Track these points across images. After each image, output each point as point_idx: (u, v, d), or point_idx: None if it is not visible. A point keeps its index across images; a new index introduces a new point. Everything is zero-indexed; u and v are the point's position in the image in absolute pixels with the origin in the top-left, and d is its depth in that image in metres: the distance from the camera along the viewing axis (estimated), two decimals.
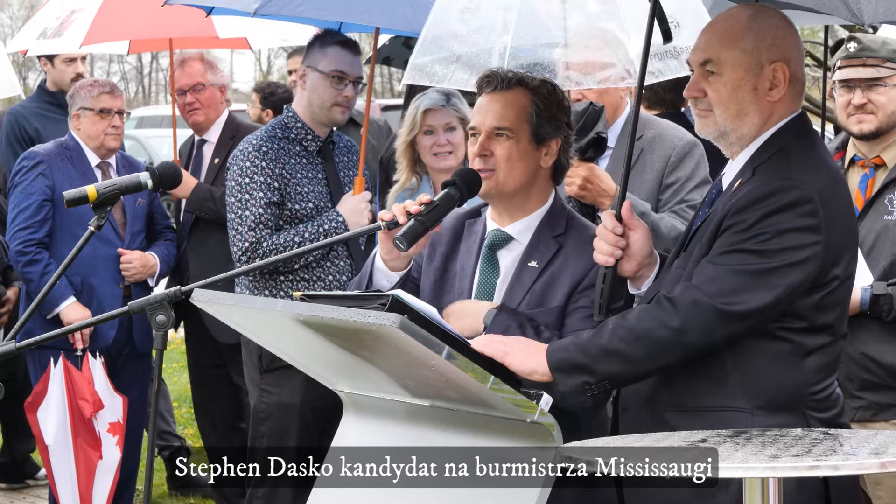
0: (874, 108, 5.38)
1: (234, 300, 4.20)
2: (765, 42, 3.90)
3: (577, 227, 4.37)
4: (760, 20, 3.93)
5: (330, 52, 6.26)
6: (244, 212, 6.06)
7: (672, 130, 5.81)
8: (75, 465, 6.74)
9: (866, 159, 5.42)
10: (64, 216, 6.97)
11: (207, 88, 7.62)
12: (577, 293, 4.24)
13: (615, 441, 3.50)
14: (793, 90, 3.92)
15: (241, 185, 6.09)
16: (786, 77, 3.89)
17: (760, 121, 3.91)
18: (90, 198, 4.52)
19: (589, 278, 4.22)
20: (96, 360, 6.86)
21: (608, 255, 4.12)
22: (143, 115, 29.66)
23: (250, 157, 6.11)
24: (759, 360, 3.78)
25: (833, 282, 3.78)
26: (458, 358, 3.62)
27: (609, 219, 4.16)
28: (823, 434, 3.38)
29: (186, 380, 8.94)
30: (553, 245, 4.31)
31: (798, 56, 3.94)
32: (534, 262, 4.30)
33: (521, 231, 4.37)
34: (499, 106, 4.34)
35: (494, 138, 4.32)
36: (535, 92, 4.35)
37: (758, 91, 3.90)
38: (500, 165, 4.31)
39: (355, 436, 4.25)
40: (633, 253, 4.15)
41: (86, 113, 7.21)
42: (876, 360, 5.21)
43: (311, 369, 4.35)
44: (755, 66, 3.90)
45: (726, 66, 3.93)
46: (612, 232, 4.14)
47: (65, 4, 8.86)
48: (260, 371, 6.21)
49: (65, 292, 6.98)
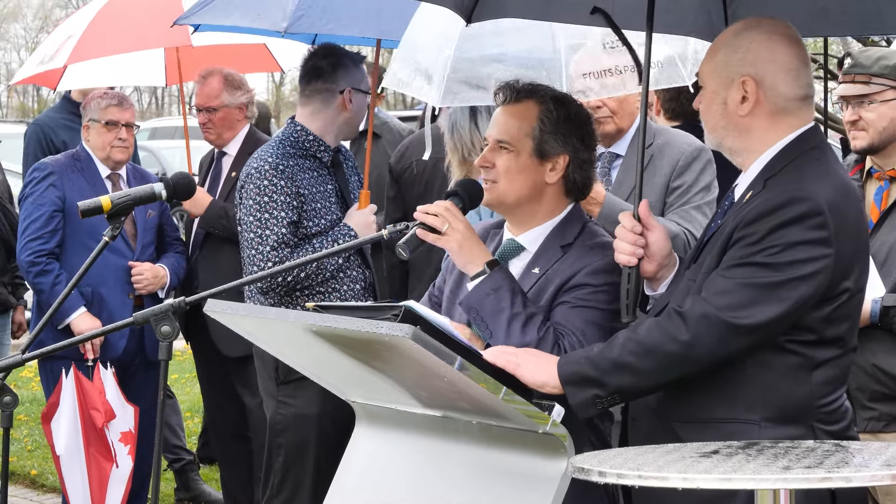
0: (865, 125, 5.37)
1: (247, 310, 4.22)
2: (735, 56, 3.91)
3: (586, 236, 4.38)
4: (740, 34, 3.95)
5: (356, 69, 6.33)
6: (265, 231, 6.01)
7: (681, 137, 5.85)
8: (87, 475, 6.74)
9: (882, 171, 5.41)
10: (74, 227, 6.98)
11: (221, 110, 7.59)
12: (562, 291, 4.26)
13: (627, 452, 3.50)
14: (773, 104, 3.89)
15: (261, 205, 6.03)
16: (754, 91, 3.88)
17: (739, 134, 3.92)
18: (104, 208, 4.54)
19: (576, 278, 4.25)
20: (107, 371, 6.87)
21: (630, 254, 4.14)
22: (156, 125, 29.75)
23: (268, 176, 6.06)
24: (767, 372, 3.78)
25: (843, 294, 3.78)
26: (470, 369, 3.63)
27: (627, 219, 4.18)
28: (835, 446, 3.38)
29: (198, 390, 8.95)
30: (558, 253, 4.34)
31: (779, 71, 3.89)
32: (536, 268, 4.34)
33: (531, 241, 4.40)
34: (506, 119, 4.38)
35: (497, 150, 4.36)
36: (545, 106, 4.37)
37: (727, 105, 3.92)
38: (500, 177, 4.35)
39: (368, 445, 4.26)
40: (652, 253, 4.16)
41: (94, 124, 7.21)
42: (887, 372, 5.21)
43: (324, 379, 4.37)
44: (725, 79, 3.92)
45: (705, 80, 3.99)
46: (631, 231, 4.15)
47: (62, 31, 8.91)
48: (276, 382, 6.19)
49: (75, 303, 6.99)
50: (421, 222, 4.23)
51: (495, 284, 4.19)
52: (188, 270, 7.49)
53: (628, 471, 3.08)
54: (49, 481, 9.32)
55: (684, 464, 3.15)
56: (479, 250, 4.24)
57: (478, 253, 4.24)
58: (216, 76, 7.63)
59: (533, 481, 3.73)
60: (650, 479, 3.04)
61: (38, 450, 10.18)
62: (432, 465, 4.00)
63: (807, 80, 3.97)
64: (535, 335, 4.12)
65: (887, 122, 5.35)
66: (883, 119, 5.36)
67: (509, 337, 4.11)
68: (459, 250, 4.24)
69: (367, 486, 4.21)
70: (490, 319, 4.17)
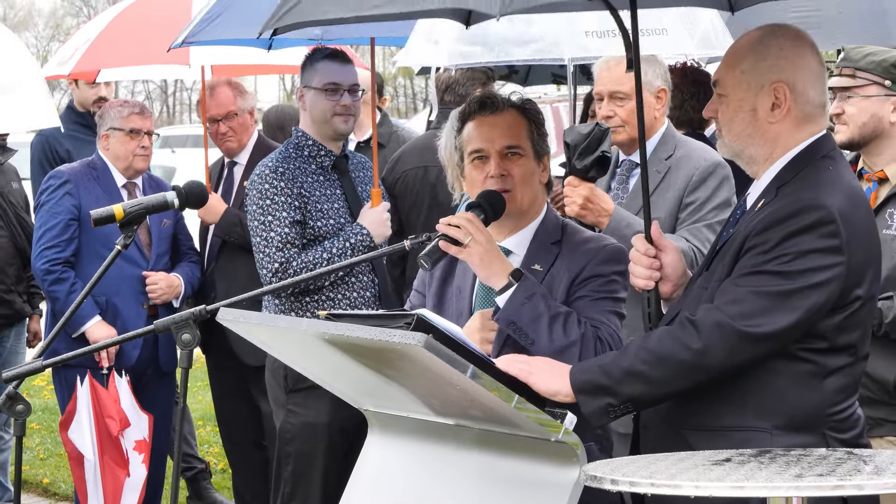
0: (846, 119, 5.35)
1: (260, 319, 4.22)
2: (764, 63, 3.90)
3: (570, 232, 4.45)
4: (766, 40, 3.93)
5: (320, 66, 6.31)
6: (269, 233, 6.07)
7: (699, 151, 5.84)
8: (102, 483, 6.76)
9: (871, 173, 5.39)
10: (90, 235, 7.00)
11: (239, 116, 7.62)
12: (574, 285, 4.30)
13: (639, 460, 3.50)
14: (801, 110, 3.90)
15: (263, 208, 6.09)
16: (787, 97, 3.88)
17: (765, 142, 3.91)
18: (117, 217, 4.54)
19: (587, 270, 4.30)
20: (122, 379, 6.88)
21: (647, 278, 4.15)
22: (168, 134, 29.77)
23: (268, 179, 6.12)
24: (779, 380, 3.78)
25: (855, 302, 3.78)
26: (483, 377, 3.63)
27: (640, 242, 4.18)
28: (847, 454, 3.38)
29: (210, 398, 8.96)
30: (553, 250, 4.39)
31: (809, 76, 3.90)
32: (537, 265, 4.36)
33: (517, 244, 4.44)
34: (504, 126, 4.41)
35: (509, 158, 4.38)
36: (526, 111, 4.45)
37: (757, 112, 3.90)
38: (517, 185, 4.38)
39: (380, 453, 4.27)
40: (667, 274, 4.17)
41: (115, 133, 7.23)
42: (869, 375, 5.19)
43: (337, 388, 4.37)
44: (754, 86, 3.90)
45: (729, 88, 3.95)
46: (645, 255, 4.15)
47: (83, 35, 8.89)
48: (285, 391, 6.21)
49: (90, 311, 7.00)
50: (443, 234, 4.22)
51: (527, 292, 4.19)
52: (204, 281, 7.51)
53: (641, 479, 3.08)
54: (62, 490, 9.35)
55: (697, 472, 3.15)
56: (501, 263, 4.23)
57: (499, 265, 4.23)
58: (223, 85, 7.68)
59: (545, 489, 3.73)
60: (662, 487, 3.04)
61: (50, 458, 10.21)
62: (444, 474, 4.00)
63: (826, 87, 3.99)
64: (577, 332, 4.14)
65: (867, 116, 5.31)
66: (863, 114, 5.32)
67: (553, 340, 4.12)
68: (481, 263, 4.23)
69: (380, 493, 4.21)
70: (530, 327, 4.16)
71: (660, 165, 5.73)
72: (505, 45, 7.14)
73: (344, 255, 6.08)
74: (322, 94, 6.27)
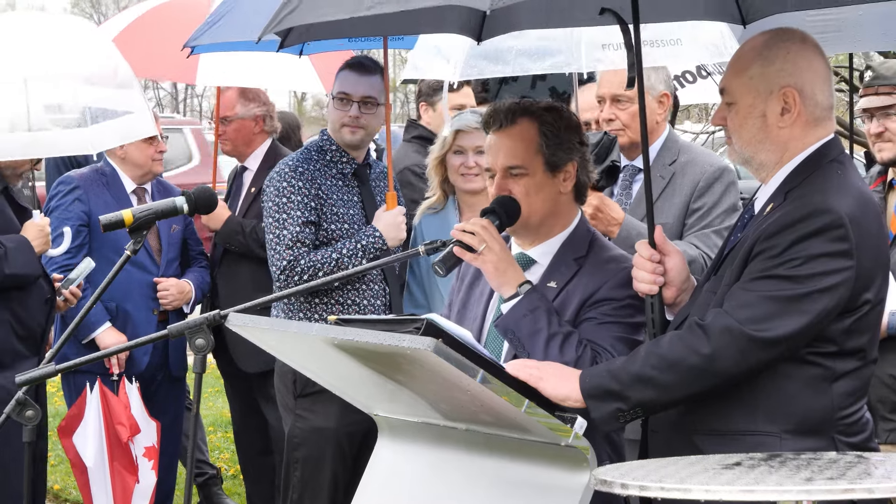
0: (891, 136, 5.39)
1: (270, 324, 4.22)
2: (772, 67, 3.89)
3: (597, 249, 4.40)
4: (772, 46, 3.93)
5: (340, 75, 6.35)
6: (281, 231, 6.09)
7: (704, 156, 5.83)
8: (112, 490, 6.75)
9: None
10: (100, 241, 6.98)
11: (234, 121, 7.62)
12: (585, 306, 4.27)
13: (649, 464, 3.50)
14: (810, 114, 3.90)
15: (279, 205, 6.12)
16: (797, 102, 3.88)
17: (776, 147, 3.91)
18: (126, 222, 4.54)
19: (600, 293, 4.26)
20: (132, 385, 6.88)
21: (651, 283, 4.14)
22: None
23: (287, 178, 6.16)
24: (788, 384, 3.78)
25: (864, 306, 3.78)
26: (493, 382, 3.63)
27: (644, 248, 4.17)
28: (857, 457, 3.38)
29: (221, 404, 8.98)
30: (573, 266, 4.35)
31: (816, 80, 3.90)
32: (553, 282, 4.34)
33: (542, 254, 4.41)
34: (508, 143, 4.35)
35: (510, 177, 4.34)
36: (541, 120, 4.36)
37: (767, 118, 3.90)
38: (521, 203, 4.33)
39: (390, 458, 4.27)
40: (671, 279, 4.16)
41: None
42: None
43: (346, 393, 4.37)
44: (763, 92, 3.90)
45: (737, 94, 3.95)
46: (649, 260, 4.14)
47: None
48: (294, 396, 6.21)
49: (101, 318, 7.00)
50: (457, 240, 4.22)
51: (531, 305, 4.18)
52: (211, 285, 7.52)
53: (651, 483, 3.08)
54: (72, 496, 9.34)
55: (707, 476, 3.15)
56: (513, 272, 4.23)
57: (512, 275, 4.22)
58: (233, 88, 7.69)
59: (555, 494, 3.73)
60: (673, 492, 3.04)
61: (61, 464, 10.20)
62: (454, 478, 4.00)
63: (833, 89, 3.98)
64: (573, 354, 4.12)
65: None
66: None
67: (547, 357, 4.10)
68: (494, 271, 4.22)
69: (390, 498, 4.21)
70: (527, 341, 4.16)
71: (664, 171, 5.71)
72: (520, 58, 7.10)
73: (354, 257, 6.09)
74: (335, 103, 6.30)
